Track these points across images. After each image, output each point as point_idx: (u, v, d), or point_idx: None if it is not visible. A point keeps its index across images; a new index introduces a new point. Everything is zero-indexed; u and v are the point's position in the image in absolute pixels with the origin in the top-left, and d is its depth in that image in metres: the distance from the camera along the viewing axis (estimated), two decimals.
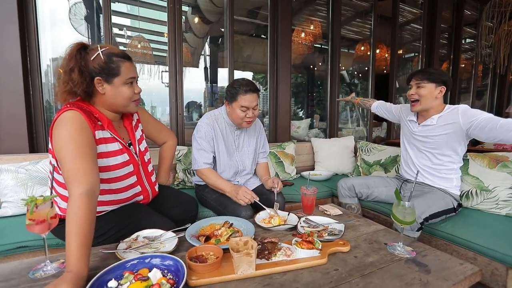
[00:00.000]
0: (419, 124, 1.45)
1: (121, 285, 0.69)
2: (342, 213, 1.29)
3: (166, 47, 2.28)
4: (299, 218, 1.16)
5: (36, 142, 1.79)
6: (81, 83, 0.95)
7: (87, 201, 0.79)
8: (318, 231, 1.03)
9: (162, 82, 3.57)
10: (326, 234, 1.02)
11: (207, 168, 1.46)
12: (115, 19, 2.11)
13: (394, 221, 0.96)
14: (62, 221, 0.86)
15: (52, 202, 0.80)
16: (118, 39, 3.25)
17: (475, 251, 1.12)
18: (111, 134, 1.04)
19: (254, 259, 0.77)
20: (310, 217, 1.17)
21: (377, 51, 4.08)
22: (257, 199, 1.28)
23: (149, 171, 1.23)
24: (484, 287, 1.12)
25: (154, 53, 3.44)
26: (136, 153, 1.15)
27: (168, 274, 0.75)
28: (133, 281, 0.70)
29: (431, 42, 3.76)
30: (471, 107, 1.29)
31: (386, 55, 3.95)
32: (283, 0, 2.49)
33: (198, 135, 1.46)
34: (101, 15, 2.95)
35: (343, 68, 5.04)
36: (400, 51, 4.33)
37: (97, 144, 0.98)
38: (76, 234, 0.74)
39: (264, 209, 1.23)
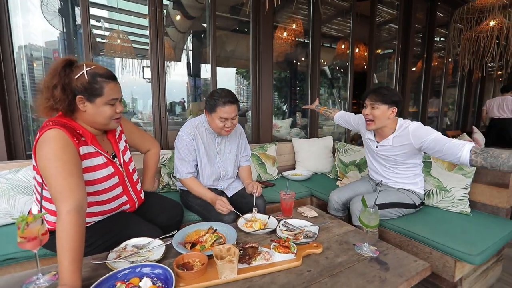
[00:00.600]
0: (378, 142, 1.55)
1: None
2: (317, 215, 1.40)
3: (146, 40, 2.25)
4: (278, 221, 1.26)
5: (15, 149, 1.76)
6: (63, 100, 0.96)
7: (76, 217, 0.84)
8: (295, 234, 1.14)
9: (144, 78, 3.52)
10: (302, 237, 1.12)
11: (190, 178, 1.52)
12: (92, 10, 2.04)
13: (361, 225, 1.08)
14: (51, 233, 0.90)
15: (42, 219, 0.84)
16: (95, 31, 3.15)
17: (431, 246, 1.28)
18: (95, 149, 1.07)
19: (236, 265, 0.86)
20: (288, 220, 1.27)
21: (357, 50, 4.24)
22: (232, 209, 1.37)
23: (134, 180, 1.27)
24: (437, 277, 1.28)
25: (134, 45, 3.37)
26: (120, 165, 1.19)
27: (158, 282, 0.82)
28: None
29: (406, 42, 3.95)
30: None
31: (365, 53, 4.12)
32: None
33: (180, 145, 1.51)
34: (76, 8, 2.84)
35: (325, 63, 5.18)
36: (379, 51, 4.52)
37: (82, 160, 1.00)
38: (67, 250, 0.79)
39: (240, 216, 1.32)
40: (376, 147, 1.56)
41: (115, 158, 1.18)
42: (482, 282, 1.42)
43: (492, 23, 3.38)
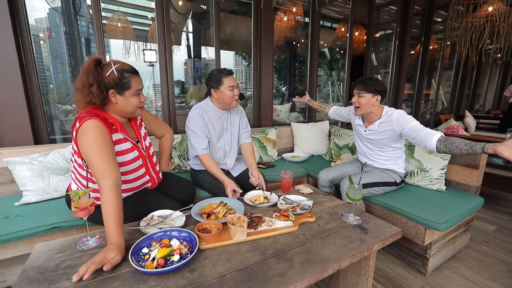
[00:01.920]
0: (366, 127, 1.74)
1: (151, 251, 0.97)
2: (312, 191, 1.62)
3: (146, 21, 2.30)
4: (279, 196, 1.48)
5: (39, 134, 1.93)
6: (99, 95, 1.13)
7: (116, 192, 1.04)
8: (293, 207, 1.36)
9: (145, 61, 3.61)
10: (299, 209, 1.34)
11: (206, 154, 1.69)
12: None
13: (348, 198, 1.30)
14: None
15: (89, 194, 1.04)
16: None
17: (406, 217, 1.51)
18: (123, 135, 1.25)
19: (245, 229, 1.08)
20: (287, 196, 1.49)
21: (356, 33, 4.29)
22: (238, 194, 1.52)
23: (154, 162, 1.47)
24: (412, 242, 1.53)
25: (134, 27, 3.43)
26: (143, 149, 1.38)
27: (184, 242, 1.03)
28: (159, 248, 0.98)
29: (404, 24, 4.00)
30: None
31: (365, 37, 4.18)
32: None
33: (192, 124, 1.69)
34: None
35: (325, 45, 5.23)
36: (377, 34, 4.57)
37: (114, 145, 1.19)
38: (113, 218, 0.99)
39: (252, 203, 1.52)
40: (364, 131, 1.75)
41: (138, 143, 1.36)
42: (450, 248, 1.68)
43: (490, 8, 3.45)
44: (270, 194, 1.51)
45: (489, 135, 2.83)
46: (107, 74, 1.14)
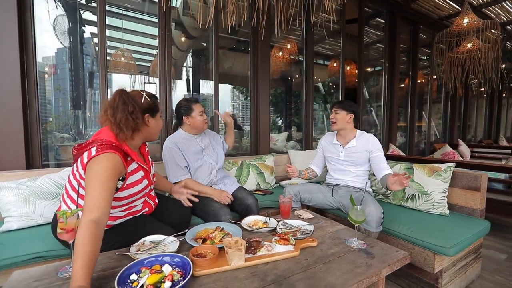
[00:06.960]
0: (343, 147, 1.86)
1: (140, 277, 0.89)
2: (313, 216, 1.55)
3: (147, 57, 2.41)
4: (278, 221, 1.41)
5: (32, 158, 1.88)
6: (141, 120, 1.19)
7: (93, 228, 0.90)
8: (293, 231, 1.29)
9: None
10: (299, 233, 1.27)
11: (186, 179, 1.72)
12: (95, 29, 2.20)
13: (350, 221, 1.24)
14: None
15: (78, 214, 0.98)
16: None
17: (413, 243, 1.43)
18: (137, 164, 1.23)
19: (243, 253, 1.01)
20: (287, 221, 1.42)
21: (348, 68, 4.54)
22: (231, 200, 1.72)
23: (152, 188, 1.43)
24: (421, 271, 1.43)
25: (137, 62, 3.58)
26: (151, 176, 1.35)
27: (177, 268, 0.95)
28: (149, 274, 0.90)
29: (392, 60, 4.26)
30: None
31: (356, 71, 4.42)
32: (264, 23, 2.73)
33: (167, 153, 1.73)
34: (83, 28, 3.05)
35: (319, 80, 5.47)
36: (368, 69, 4.83)
37: (128, 176, 1.16)
38: (82, 254, 0.84)
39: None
40: (341, 152, 1.85)
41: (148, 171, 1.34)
42: (462, 277, 1.57)
43: (469, 45, 3.72)
44: (269, 218, 1.45)
45: (493, 164, 2.82)
46: (142, 101, 1.20)
